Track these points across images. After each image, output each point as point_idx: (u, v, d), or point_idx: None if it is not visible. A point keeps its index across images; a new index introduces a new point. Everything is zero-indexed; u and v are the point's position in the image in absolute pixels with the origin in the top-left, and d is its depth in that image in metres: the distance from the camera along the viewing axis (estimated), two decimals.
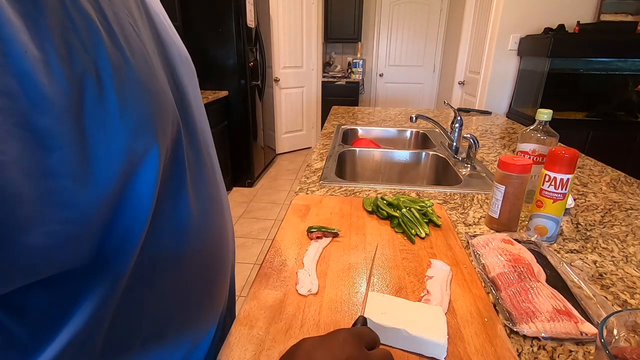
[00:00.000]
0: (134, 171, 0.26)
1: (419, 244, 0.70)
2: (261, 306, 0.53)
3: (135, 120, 0.26)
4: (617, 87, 2.52)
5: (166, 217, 0.32)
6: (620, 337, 0.39)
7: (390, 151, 1.42)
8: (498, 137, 1.66)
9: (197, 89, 0.42)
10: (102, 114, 0.24)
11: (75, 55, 0.22)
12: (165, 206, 0.31)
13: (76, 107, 0.22)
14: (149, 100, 0.28)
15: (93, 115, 0.23)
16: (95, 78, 0.23)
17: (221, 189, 0.46)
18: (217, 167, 0.45)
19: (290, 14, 3.74)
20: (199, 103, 0.41)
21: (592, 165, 1.25)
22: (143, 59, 0.28)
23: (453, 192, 0.99)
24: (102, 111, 0.23)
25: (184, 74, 0.38)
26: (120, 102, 0.25)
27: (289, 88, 4.01)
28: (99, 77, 0.23)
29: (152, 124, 0.28)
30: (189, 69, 0.40)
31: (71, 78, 0.22)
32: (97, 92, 0.23)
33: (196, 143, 0.37)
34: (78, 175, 0.22)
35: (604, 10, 2.66)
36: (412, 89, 4.91)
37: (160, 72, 0.32)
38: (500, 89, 2.94)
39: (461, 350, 0.45)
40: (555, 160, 0.68)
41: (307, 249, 0.67)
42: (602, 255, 0.70)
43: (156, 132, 0.28)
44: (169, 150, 0.30)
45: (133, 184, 0.26)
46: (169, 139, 0.30)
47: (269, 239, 2.49)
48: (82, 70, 0.23)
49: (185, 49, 0.42)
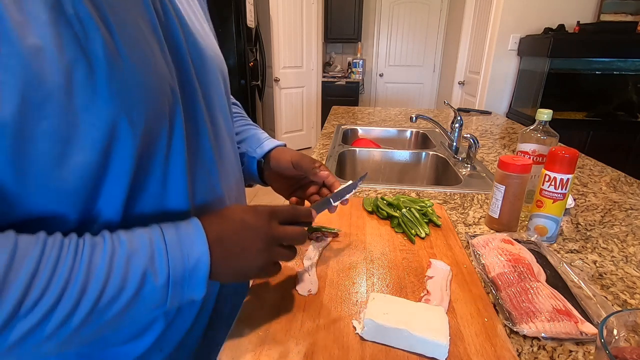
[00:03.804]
0: (113, 142, 0.31)
1: (419, 244, 0.70)
2: (261, 306, 0.53)
3: (122, 102, 0.31)
4: (617, 87, 2.52)
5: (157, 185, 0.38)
6: (620, 337, 0.39)
7: (390, 151, 1.42)
8: (498, 137, 1.66)
9: (218, 87, 0.48)
10: (92, 93, 0.29)
11: (68, 46, 0.27)
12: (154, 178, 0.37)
13: (67, 87, 0.27)
14: (138, 89, 0.32)
15: (83, 94, 0.28)
16: (87, 65, 0.28)
17: (231, 175, 0.52)
18: (229, 154, 0.51)
19: (290, 14, 3.74)
20: (214, 93, 0.46)
21: (592, 165, 1.25)
22: (141, 54, 0.33)
23: (453, 192, 0.99)
24: (91, 91, 0.29)
25: (204, 72, 0.44)
26: (111, 87, 0.30)
27: (289, 88, 4.01)
28: (90, 65, 0.28)
29: (140, 106, 0.32)
30: (211, 67, 0.46)
31: (62, 63, 0.27)
32: (87, 76, 0.28)
33: (199, 128, 0.42)
34: (67, 138, 0.28)
35: (604, 10, 2.66)
36: (412, 89, 4.91)
37: (163, 67, 0.36)
38: (500, 89, 2.94)
39: (461, 350, 0.45)
40: (555, 160, 0.68)
41: (306, 249, 0.67)
42: (602, 255, 0.70)
43: (143, 113, 0.33)
44: (160, 129, 0.36)
45: (112, 154, 0.31)
46: (158, 122, 0.35)
47: None
48: (73, 59, 0.27)
49: (214, 46, 0.49)
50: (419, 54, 4.73)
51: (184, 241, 0.35)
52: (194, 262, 0.35)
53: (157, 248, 0.34)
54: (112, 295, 0.31)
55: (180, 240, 0.35)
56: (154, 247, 0.33)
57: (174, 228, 0.36)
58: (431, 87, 4.86)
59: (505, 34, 2.78)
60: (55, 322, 0.28)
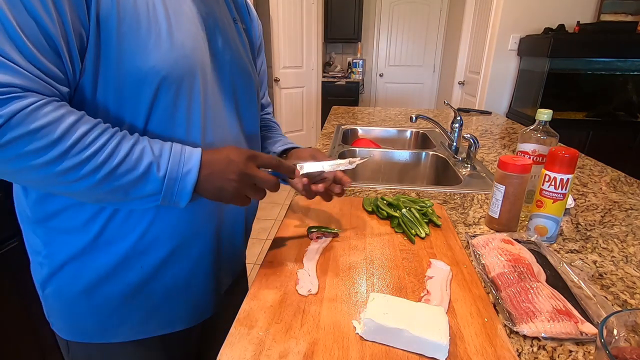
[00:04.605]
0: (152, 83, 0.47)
1: (419, 244, 0.70)
2: (261, 306, 0.53)
3: (162, 59, 0.47)
4: (617, 87, 2.52)
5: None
6: (620, 337, 0.39)
7: (390, 151, 1.42)
8: (498, 137, 1.66)
9: (236, 80, 0.61)
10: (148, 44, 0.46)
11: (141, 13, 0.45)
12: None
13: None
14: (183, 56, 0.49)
15: (141, 41, 0.45)
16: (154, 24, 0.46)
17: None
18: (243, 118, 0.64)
19: (290, 14, 3.74)
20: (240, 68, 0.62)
21: (592, 165, 1.25)
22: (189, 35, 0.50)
23: (453, 192, 0.99)
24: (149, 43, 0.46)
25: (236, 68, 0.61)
26: (157, 45, 0.46)
27: (289, 88, 4.01)
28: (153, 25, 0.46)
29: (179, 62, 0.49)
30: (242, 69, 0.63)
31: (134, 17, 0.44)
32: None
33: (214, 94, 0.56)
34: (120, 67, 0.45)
35: (604, 10, 2.66)
36: (412, 89, 4.91)
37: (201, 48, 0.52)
38: (500, 89, 2.94)
39: (461, 351, 0.45)
40: (555, 160, 0.68)
41: (307, 249, 0.67)
42: (602, 255, 0.70)
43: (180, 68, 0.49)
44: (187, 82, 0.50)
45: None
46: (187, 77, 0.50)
47: (269, 239, 2.50)
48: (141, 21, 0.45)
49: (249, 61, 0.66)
50: (418, 54, 4.73)
51: (185, 154, 0.48)
52: (187, 170, 0.47)
53: (165, 151, 0.47)
54: (126, 169, 0.44)
55: (183, 153, 0.48)
56: (163, 149, 0.47)
57: (180, 145, 0.48)
58: (431, 87, 4.86)
59: (505, 34, 2.78)
60: (87, 169, 0.42)
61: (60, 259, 0.53)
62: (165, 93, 0.48)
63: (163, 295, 0.59)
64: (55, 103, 0.40)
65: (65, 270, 0.54)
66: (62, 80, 0.42)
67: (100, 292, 0.55)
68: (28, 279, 0.59)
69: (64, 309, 0.57)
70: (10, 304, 1.08)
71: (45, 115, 0.39)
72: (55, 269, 0.54)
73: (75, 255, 0.53)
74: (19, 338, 1.11)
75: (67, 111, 0.41)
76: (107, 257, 0.53)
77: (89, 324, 0.57)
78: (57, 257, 0.53)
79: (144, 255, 0.55)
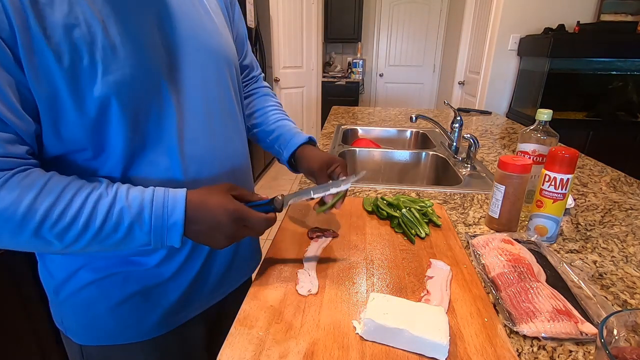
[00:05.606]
0: (107, 108, 0.44)
1: (419, 244, 0.70)
2: (261, 306, 0.53)
3: (113, 82, 0.43)
4: (617, 87, 2.52)
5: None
6: (620, 337, 0.39)
7: (390, 151, 1.42)
8: (498, 137, 1.66)
9: (207, 71, 0.56)
10: (94, 75, 0.42)
11: (78, 45, 0.40)
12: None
13: (72, 72, 0.41)
14: (130, 71, 0.45)
15: (84, 76, 0.41)
16: (89, 55, 0.41)
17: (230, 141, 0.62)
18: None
19: (290, 14, 3.73)
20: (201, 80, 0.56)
21: (592, 165, 1.25)
22: (135, 45, 0.45)
23: (453, 192, 0.99)
24: (93, 73, 0.42)
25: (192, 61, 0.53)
26: (104, 71, 0.42)
27: (289, 88, 4.01)
28: (93, 54, 0.41)
29: (129, 85, 0.45)
30: (207, 58, 0.56)
31: (71, 53, 0.40)
32: (89, 63, 0.41)
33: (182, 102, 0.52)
34: (77, 105, 0.42)
35: (604, 10, 2.66)
36: (412, 89, 4.91)
37: (155, 57, 0.48)
38: (500, 89, 2.94)
39: (461, 350, 0.45)
40: (555, 160, 0.68)
41: (307, 249, 0.67)
42: (602, 255, 0.70)
43: (130, 90, 0.45)
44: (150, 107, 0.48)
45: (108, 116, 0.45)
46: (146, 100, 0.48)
47: (269, 239, 2.49)
48: (80, 53, 0.41)
49: (215, 39, 0.58)
50: (418, 54, 4.73)
51: (168, 206, 0.46)
52: (172, 222, 0.46)
53: (145, 207, 0.45)
54: (108, 233, 0.44)
55: (165, 205, 0.46)
56: (144, 204, 0.45)
57: (163, 192, 0.47)
58: (431, 87, 4.86)
59: (505, 34, 2.78)
60: (71, 237, 0.42)
61: (78, 263, 0.53)
62: (124, 113, 0.45)
63: (180, 290, 0.59)
64: (13, 180, 0.39)
65: (81, 275, 0.53)
66: (16, 140, 0.40)
67: (119, 292, 0.55)
68: (28, 279, 0.59)
69: (81, 313, 0.56)
70: (11, 304, 1.08)
71: (1, 200, 0.38)
72: (71, 273, 0.53)
73: (91, 260, 0.53)
74: (19, 338, 1.12)
75: (24, 187, 0.39)
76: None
77: (110, 325, 0.56)
78: (73, 262, 0.53)
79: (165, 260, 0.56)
